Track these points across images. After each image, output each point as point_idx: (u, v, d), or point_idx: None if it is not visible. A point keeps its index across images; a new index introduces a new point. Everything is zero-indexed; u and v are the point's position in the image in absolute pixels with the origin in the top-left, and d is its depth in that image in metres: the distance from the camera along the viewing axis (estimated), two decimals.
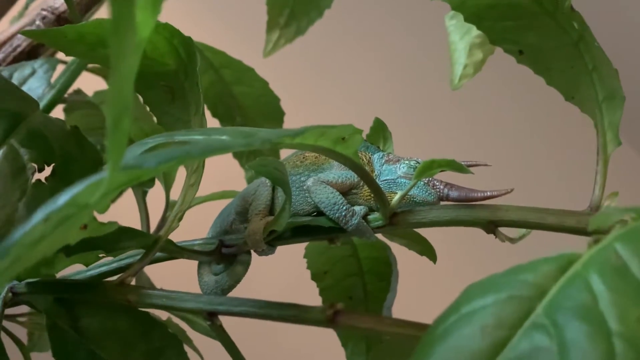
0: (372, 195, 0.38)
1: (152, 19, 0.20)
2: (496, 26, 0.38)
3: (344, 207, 0.36)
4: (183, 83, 0.38)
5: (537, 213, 0.33)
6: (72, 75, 0.48)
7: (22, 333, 0.55)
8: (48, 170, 0.33)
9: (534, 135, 1.18)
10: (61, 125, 0.36)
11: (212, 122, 0.60)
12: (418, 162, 0.37)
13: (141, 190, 0.46)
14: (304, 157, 0.41)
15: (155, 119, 0.41)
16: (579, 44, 0.35)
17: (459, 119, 1.19)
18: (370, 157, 0.39)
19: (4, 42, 0.55)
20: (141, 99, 0.41)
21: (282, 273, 0.89)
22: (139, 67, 0.38)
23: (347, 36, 1.15)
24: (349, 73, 1.13)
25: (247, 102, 0.56)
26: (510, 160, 1.09)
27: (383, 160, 0.39)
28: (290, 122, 0.58)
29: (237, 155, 0.60)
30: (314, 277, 0.53)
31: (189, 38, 0.36)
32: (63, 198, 0.19)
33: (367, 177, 0.34)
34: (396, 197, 0.36)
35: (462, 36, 0.50)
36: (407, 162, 0.38)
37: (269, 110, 0.56)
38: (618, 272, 0.22)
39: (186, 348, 0.40)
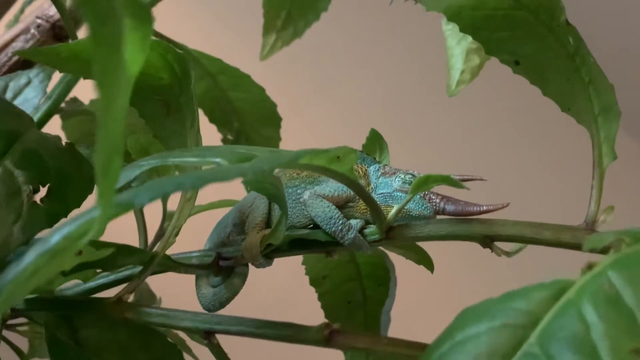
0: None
1: (141, 55, 0.20)
2: (492, 37, 0.38)
3: (340, 222, 0.36)
4: (178, 97, 0.38)
5: (533, 228, 0.33)
6: (67, 85, 0.48)
7: (22, 341, 0.55)
8: (43, 190, 0.33)
9: (530, 148, 1.16)
10: (56, 143, 0.35)
11: (209, 127, 0.60)
12: (413, 176, 0.37)
13: None
14: (300, 170, 0.41)
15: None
16: (575, 57, 0.35)
17: (454, 129, 1.17)
18: (366, 170, 0.39)
19: (0, 50, 0.55)
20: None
21: (280, 278, 0.89)
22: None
23: (344, 40, 1.14)
24: (345, 78, 1.12)
25: (244, 108, 0.56)
26: (506, 173, 1.08)
27: (379, 173, 0.39)
28: (288, 127, 0.59)
29: None
30: (312, 282, 0.53)
31: (183, 54, 0.36)
32: (55, 238, 0.19)
33: (363, 193, 0.34)
34: (392, 212, 0.36)
35: (458, 41, 0.50)
36: (402, 175, 0.38)
37: (266, 115, 0.56)
38: (611, 302, 0.22)
39: (186, 357, 0.41)
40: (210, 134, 0.60)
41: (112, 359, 0.41)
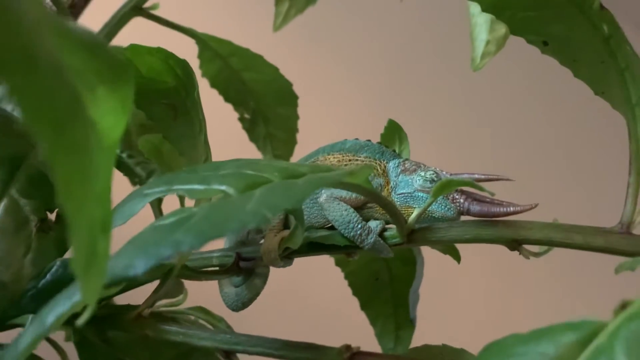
0: None
1: (123, 118, 0.19)
2: (517, 16, 0.35)
3: (359, 226, 0.35)
4: (185, 100, 0.37)
5: (563, 232, 0.31)
6: None
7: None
8: None
9: (558, 139, 1.01)
10: None
11: (226, 107, 0.58)
12: (435, 174, 0.35)
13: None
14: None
15: None
16: (610, 40, 0.32)
17: (476, 121, 1.03)
18: (385, 166, 0.38)
19: None
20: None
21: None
22: (138, 85, 0.36)
23: (359, 14, 1.05)
24: (362, 53, 1.04)
25: (258, 88, 0.54)
26: (532, 168, 0.95)
27: (399, 170, 0.37)
28: (305, 106, 0.56)
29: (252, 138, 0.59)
30: (338, 263, 0.52)
31: (185, 60, 0.34)
32: (49, 319, 0.18)
33: (381, 201, 0.33)
34: (413, 215, 0.34)
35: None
36: (423, 173, 0.36)
37: (282, 94, 0.54)
38: None
39: None
40: (227, 113, 0.58)
41: (142, 355, 0.42)
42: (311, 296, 0.82)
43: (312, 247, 0.38)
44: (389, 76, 0.95)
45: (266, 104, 0.55)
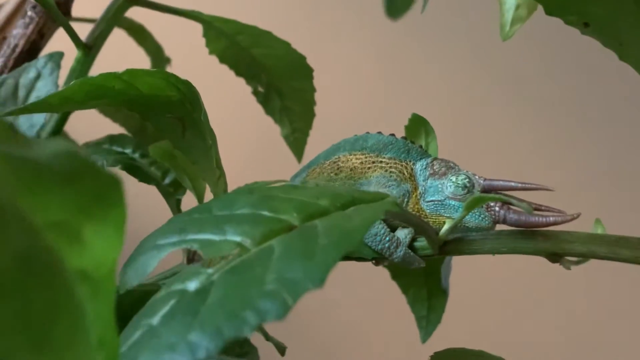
0: (418, 215, 0.34)
1: (118, 241, 0.17)
2: None
3: (387, 238, 0.33)
4: (192, 113, 0.34)
5: (609, 246, 0.29)
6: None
7: None
8: None
9: (604, 140, 0.81)
10: None
11: (237, 80, 0.55)
12: (468, 178, 0.33)
13: (174, 199, 0.44)
14: (338, 169, 0.37)
15: None
16: None
17: (512, 115, 0.84)
18: (412, 168, 0.35)
19: None
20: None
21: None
22: (141, 100, 0.34)
23: None
24: (378, 27, 0.91)
25: (269, 63, 0.50)
26: (573, 170, 0.79)
27: (427, 173, 0.34)
28: (321, 78, 0.53)
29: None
30: None
31: (187, 81, 0.31)
32: None
33: (413, 220, 0.30)
34: (445, 227, 0.32)
35: None
36: (454, 178, 0.33)
37: (295, 68, 0.50)
38: None
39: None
40: (240, 86, 0.55)
41: None
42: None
43: None
44: (407, 47, 0.86)
45: (279, 77, 0.52)
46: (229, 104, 0.74)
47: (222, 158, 0.36)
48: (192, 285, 0.24)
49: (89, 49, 0.42)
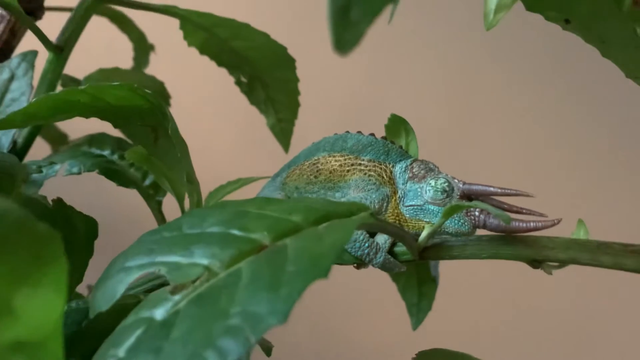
0: (397, 219, 0.33)
1: (60, 298, 0.16)
2: None
3: (366, 245, 0.32)
4: (162, 121, 0.33)
5: (590, 252, 0.28)
6: (53, 78, 0.43)
7: None
8: None
9: (585, 147, 0.78)
10: (42, 206, 0.32)
11: (219, 71, 0.54)
12: (447, 182, 0.32)
13: (155, 201, 0.43)
14: (317, 171, 0.36)
15: None
16: None
17: (494, 118, 0.80)
18: (391, 171, 0.34)
19: None
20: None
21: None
22: (111, 108, 0.33)
23: None
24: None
25: (250, 55, 0.49)
26: (556, 176, 0.77)
27: (407, 176, 0.33)
28: (303, 68, 0.52)
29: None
30: None
31: (153, 93, 0.30)
32: None
33: (390, 229, 0.30)
34: (424, 234, 0.31)
35: None
36: (433, 182, 0.32)
37: (277, 58, 0.49)
38: None
39: None
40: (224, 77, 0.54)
41: None
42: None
43: None
44: (392, 36, 0.82)
45: (262, 68, 0.50)
46: (218, 92, 0.72)
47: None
48: (159, 313, 0.23)
49: (60, 50, 0.41)
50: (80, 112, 0.31)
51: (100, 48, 0.69)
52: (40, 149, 0.57)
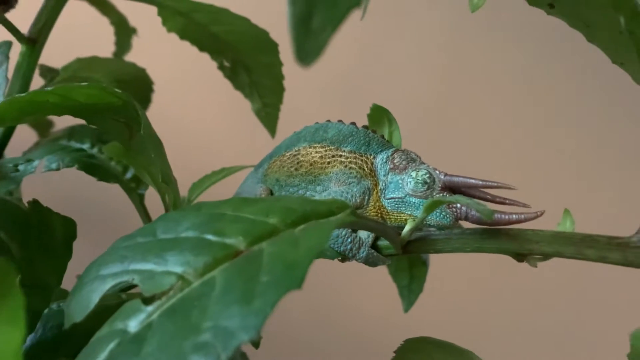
0: (379, 212, 0.33)
1: (18, 330, 0.15)
2: None
3: (349, 240, 0.32)
4: (137, 118, 0.32)
5: (575, 246, 0.28)
6: (28, 69, 0.42)
7: None
8: None
9: (569, 139, 0.76)
10: (15, 208, 0.31)
11: (202, 56, 0.52)
12: (428, 174, 0.31)
13: (137, 194, 0.42)
14: (298, 163, 0.35)
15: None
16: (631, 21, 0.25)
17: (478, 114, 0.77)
18: (372, 162, 0.33)
19: None
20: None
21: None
22: (82, 106, 0.32)
23: None
24: None
25: (232, 39, 0.48)
26: (539, 169, 0.74)
27: (388, 167, 0.33)
28: (286, 51, 0.50)
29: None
30: None
31: (125, 93, 0.29)
32: None
33: (371, 226, 0.29)
34: (406, 229, 0.31)
35: None
36: (414, 174, 0.31)
37: (259, 43, 0.48)
38: None
39: None
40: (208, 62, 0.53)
41: None
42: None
43: None
44: (376, 20, 0.80)
45: (244, 53, 0.49)
46: (202, 78, 0.71)
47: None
48: (132, 325, 0.23)
49: (33, 43, 0.40)
50: (50, 111, 0.30)
51: (80, 33, 0.67)
52: (28, 135, 0.55)
